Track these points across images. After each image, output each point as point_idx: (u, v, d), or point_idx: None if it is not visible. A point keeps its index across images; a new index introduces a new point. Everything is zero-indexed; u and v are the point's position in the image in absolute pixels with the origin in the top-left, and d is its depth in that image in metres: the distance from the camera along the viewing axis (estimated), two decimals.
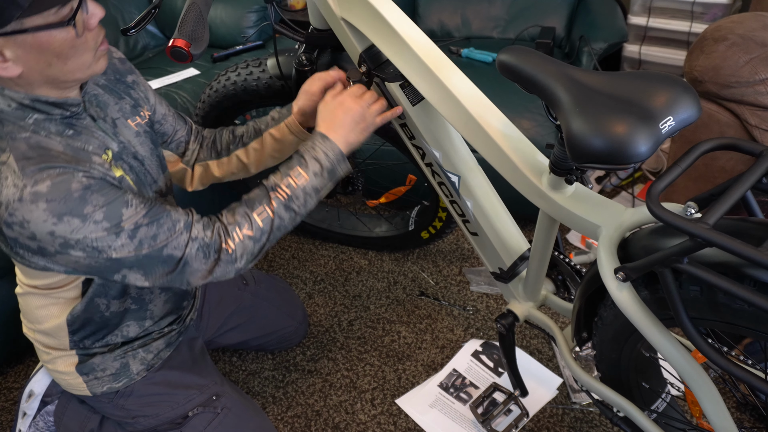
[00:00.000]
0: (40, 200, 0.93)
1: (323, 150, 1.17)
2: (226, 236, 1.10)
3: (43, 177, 0.93)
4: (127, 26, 1.08)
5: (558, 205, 1.04)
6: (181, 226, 1.06)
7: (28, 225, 0.94)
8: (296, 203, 1.15)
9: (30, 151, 0.95)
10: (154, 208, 1.04)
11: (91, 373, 1.28)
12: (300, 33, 1.45)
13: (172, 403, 1.36)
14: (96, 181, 0.98)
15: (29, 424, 1.41)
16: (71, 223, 0.95)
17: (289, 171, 1.15)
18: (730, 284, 0.75)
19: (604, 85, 0.87)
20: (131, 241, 1.01)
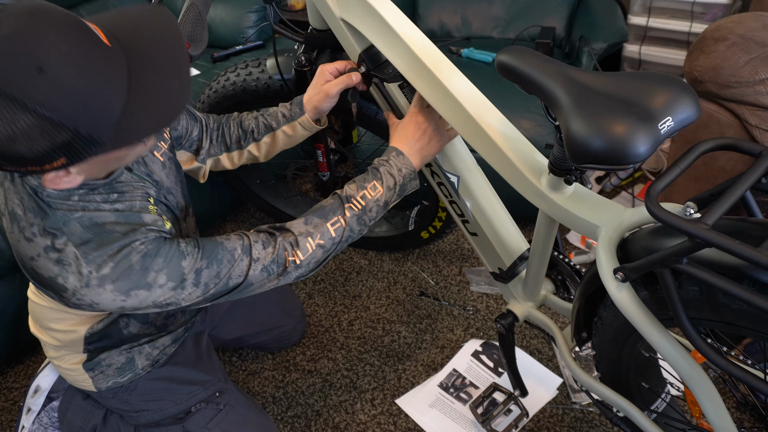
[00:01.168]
0: (107, 283, 0.95)
1: (398, 166, 1.18)
2: (294, 248, 1.10)
3: (105, 259, 0.95)
4: None
5: (557, 206, 1.04)
6: (240, 253, 1.06)
7: (97, 305, 0.98)
8: (367, 216, 1.17)
9: (86, 233, 0.96)
10: (207, 245, 1.05)
11: (97, 368, 1.28)
12: (299, 33, 1.45)
13: (176, 399, 1.36)
14: (152, 244, 0.99)
15: (33, 420, 1.41)
16: (138, 296, 0.98)
17: (365, 184, 1.17)
18: (730, 284, 0.75)
19: (603, 86, 0.87)
20: (197, 288, 1.03)
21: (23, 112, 0.76)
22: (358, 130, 2.01)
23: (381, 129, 1.57)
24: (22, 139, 0.77)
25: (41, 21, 0.77)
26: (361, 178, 1.18)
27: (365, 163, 1.96)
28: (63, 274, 0.95)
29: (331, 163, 1.74)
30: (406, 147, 1.21)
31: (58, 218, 0.96)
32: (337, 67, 1.30)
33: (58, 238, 0.95)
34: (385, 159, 1.19)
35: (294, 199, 2.19)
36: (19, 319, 1.77)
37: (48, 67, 0.76)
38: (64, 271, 0.95)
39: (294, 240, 1.10)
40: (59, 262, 0.95)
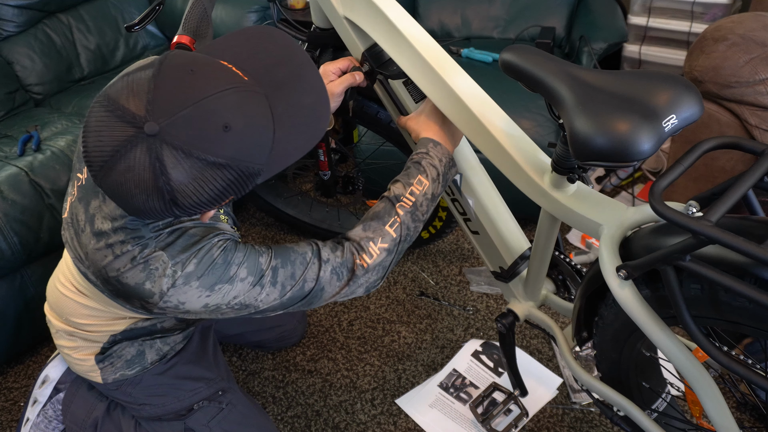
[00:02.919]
0: (192, 280, 0.99)
1: (437, 156, 1.17)
2: (360, 252, 1.10)
3: (190, 257, 0.99)
4: (131, 23, 1.08)
5: (560, 204, 1.04)
6: (311, 256, 1.07)
7: (183, 305, 1.01)
8: (420, 210, 1.15)
9: (170, 238, 1.00)
10: (278, 248, 1.07)
11: (107, 360, 1.28)
12: (302, 32, 1.45)
13: (179, 395, 1.36)
14: (230, 241, 1.03)
15: (38, 412, 1.41)
16: (222, 290, 1.01)
17: (410, 180, 1.15)
18: (733, 281, 0.75)
19: (607, 84, 0.88)
20: (275, 288, 1.04)
21: (211, 168, 0.82)
22: (359, 130, 2.01)
23: (381, 128, 1.57)
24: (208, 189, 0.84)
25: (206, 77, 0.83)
26: (405, 175, 1.17)
27: (365, 163, 1.97)
28: (150, 279, 0.98)
29: (332, 163, 1.74)
30: (439, 135, 1.20)
31: (149, 233, 0.99)
32: (340, 66, 1.29)
33: (145, 248, 0.99)
34: (424, 152, 1.17)
35: (294, 199, 2.19)
36: (19, 319, 1.76)
37: (229, 123, 0.82)
38: (152, 275, 0.98)
39: (358, 245, 1.11)
40: (146, 267, 0.98)
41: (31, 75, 2.28)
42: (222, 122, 0.81)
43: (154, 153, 0.79)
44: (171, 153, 0.80)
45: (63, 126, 2.04)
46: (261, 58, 0.92)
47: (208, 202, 0.85)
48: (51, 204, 1.77)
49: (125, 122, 0.80)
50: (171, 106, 0.80)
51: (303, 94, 0.93)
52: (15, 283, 1.75)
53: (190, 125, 0.80)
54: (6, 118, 2.17)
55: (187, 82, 0.82)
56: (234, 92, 0.84)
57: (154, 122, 0.79)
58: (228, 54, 0.91)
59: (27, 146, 1.89)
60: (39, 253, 1.77)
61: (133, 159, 0.80)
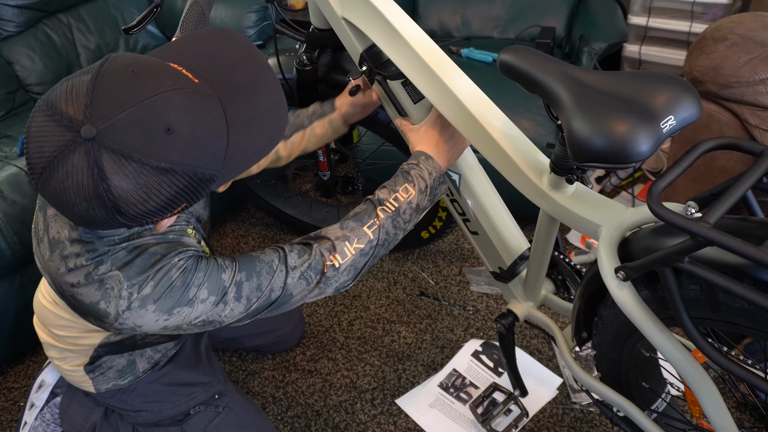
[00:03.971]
0: (148, 303, 0.94)
1: (428, 169, 1.17)
2: (332, 252, 1.08)
3: (147, 279, 0.94)
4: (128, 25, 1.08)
5: (558, 205, 1.04)
6: (277, 263, 1.04)
7: (140, 328, 0.97)
8: (402, 218, 1.14)
9: (128, 256, 0.96)
10: (243, 260, 1.03)
11: (98, 371, 1.27)
12: (301, 32, 1.45)
13: (175, 401, 1.36)
14: (191, 260, 0.98)
15: (36, 416, 1.41)
16: (181, 313, 0.97)
17: (396, 187, 1.15)
18: (731, 283, 0.75)
19: (605, 85, 0.87)
20: (239, 303, 1.01)
21: (155, 173, 0.78)
22: (359, 130, 2.01)
23: (381, 128, 1.57)
24: (154, 197, 0.79)
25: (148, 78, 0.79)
26: (392, 182, 1.16)
27: (365, 163, 1.97)
28: (105, 299, 0.94)
29: (331, 163, 1.74)
30: (433, 150, 1.20)
31: (104, 247, 0.95)
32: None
33: (101, 265, 0.95)
34: (415, 162, 1.18)
35: (294, 199, 2.19)
36: (19, 319, 1.77)
37: (175, 126, 0.78)
38: (107, 295, 0.94)
39: (331, 245, 1.08)
40: (101, 287, 0.94)
41: (31, 75, 2.28)
42: (164, 124, 0.77)
43: (92, 158, 0.76)
44: (111, 158, 0.76)
45: None
46: (216, 60, 0.89)
47: (156, 211, 0.81)
48: None
49: (63, 127, 0.76)
50: (109, 108, 0.76)
51: (261, 96, 0.89)
52: (15, 283, 1.75)
53: (130, 128, 0.76)
54: (6, 118, 2.17)
55: (127, 84, 0.78)
56: (178, 93, 0.80)
57: (92, 125, 0.75)
58: (181, 57, 0.87)
59: None
60: None
61: (72, 165, 0.76)
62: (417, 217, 1.18)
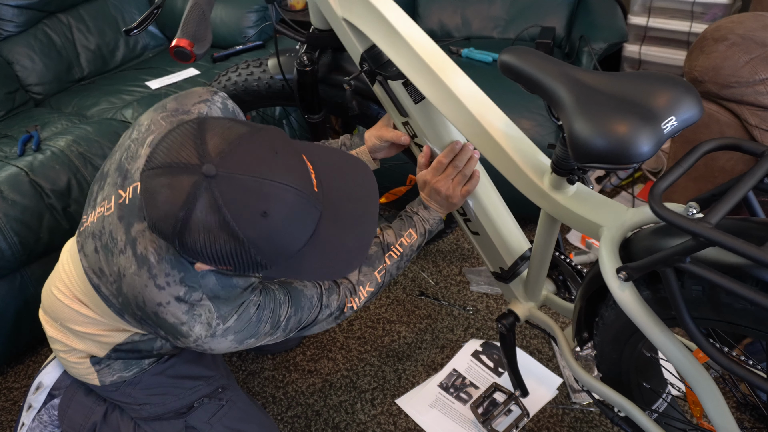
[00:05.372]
0: (229, 334, 1.05)
1: (429, 218, 1.31)
2: (352, 294, 1.22)
3: (232, 312, 1.04)
4: (129, 27, 1.08)
5: (560, 205, 1.04)
6: (316, 300, 1.16)
7: (212, 351, 1.07)
8: (403, 261, 1.29)
9: (217, 288, 1.03)
10: (294, 293, 1.13)
11: (104, 362, 1.28)
12: (301, 33, 1.45)
13: (179, 393, 1.36)
14: (261, 295, 1.08)
15: (33, 418, 1.41)
16: (248, 342, 1.09)
17: (401, 232, 1.29)
18: (733, 283, 0.75)
19: (606, 85, 0.87)
20: (283, 333, 1.13)
21: (233, 242, 0.85)
22: (359, 130, 2.00)
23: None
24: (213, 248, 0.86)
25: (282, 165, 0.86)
26: (398, 226, 1.30)
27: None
28: (190, 323, 1.01)
29: None
30: (435, 203, 1.30)
31: (195, 274, 1.01)
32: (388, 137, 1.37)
33: (194, 291, 1.01)
34: (415, 211, 1.31)
35: None
36: (19, 319, 1.76)
37: (271, 213, 0.84)
38: (193, 320, 1.01)
39: (352, 287, 1.22)
40: (191, 312, 1.01)
41: (31, 75, 2.29)
42: (265, 208, 0.84)
43: (196, 189, 0.82)
44: (207, 199, 0.82)
45: (63, 126, 2.04)
46: (343, 185, 0.97)
47: (207, 257, 0.87)
48: (51, 204, 1.77)
49: (197, 152, 0.83)
50: (238, 166, 0.83)
51: (353, 237, 0.96)
52: (15, 283, 1.75)
53: (239, 191, 0.83)
54: (6, 118, 2.17)
55: (265, 158, 0.85)
56: (294, 193, 0.86)
57: (216, 167, 0.82)
58: (318, 161, 0.95)
59: (27, 146, 1.89)
60: (39, 253, 1.77)
61: (179, 181, 0.83)
62: (414, 255, 1.32)
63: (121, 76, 2.42)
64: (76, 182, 1.82)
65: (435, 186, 1.27)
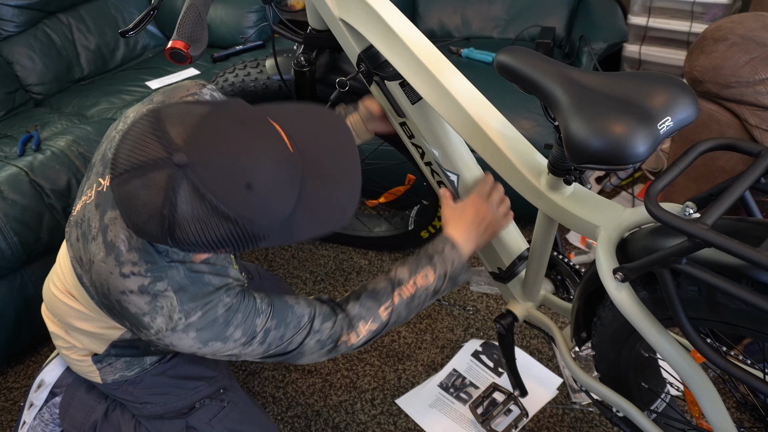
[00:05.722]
0: (191, 330, 1.00)
1: (451, 258, 1.20)
2: (349, 329, 1.14)
3: (196, 308, 1.00)
4: (125, 28, 1.08)
5: (556, 206, 1.04)
6: (305, 321, 1.10)
7: (173, 347, 1.02)
8: (415, 302, 1.18)
9: (185, 281, 1.00)
10: (278, 306, 1.09)
11: (105, 360, 1.28)
12: (298, 34, 1.45)
13: (180, 393, 1.36)
14: (236, 298, 1.04)
15: (35, 416, 1.41)
16: (214, 346, 1.03)
17: (417, 270, 1.18)
18: (729, 284, 0.75)
19: (602, 86, 0.87)
20: (261, 346, 1.07)
21: (226, 223, 0.82)
22: None
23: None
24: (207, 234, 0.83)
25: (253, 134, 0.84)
26: (414, 263, 1.20)
27: (365, 162, 1.96)
28: (152, 314, 0.98)
29: None
30: (461, 237, 1.22)
31: (164, 265, 0.99)
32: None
33: (159, 282, 0.98)
34: (440, 250, 1.20)
35: None
36: (19, 319, 1.77)
37: (255, 184, 0.82)
38: (155, 312, 0.98)
39: (349, 322, 1.15)
40: (153, 303, 0.98)
41: (31, 75, 2.29)
42: (247, 181, 0.82)
43: (172, 182, 0.80)
44: (188, 189, 0.80)
45: (63, 126, 2.04)
46: (317, 140, 0.94)
47: (204, 245, 0.85)
48: (51, 204, 1.78)
49: (161, 145, 0.80)
50: (208, 147, 0.81)
51: (340, 192, 0.94)
52: (15, 283, 1.75)
53: (217, 172, 0.81)
54: (6, 118, 2.18)
55: (233, 132, 0.83)
56: (271, 157, 0.84)
57: (186, 155, 0.80)
58: (287, 122, 0.93)
59: (27, 146, 1.89)
60: (39, 253, 1.77)
61: (152, 179, 0.80)
62: (431, 301, 1.21)
63: (121, 76, 2.43)
64: (76, 182, 1.83)
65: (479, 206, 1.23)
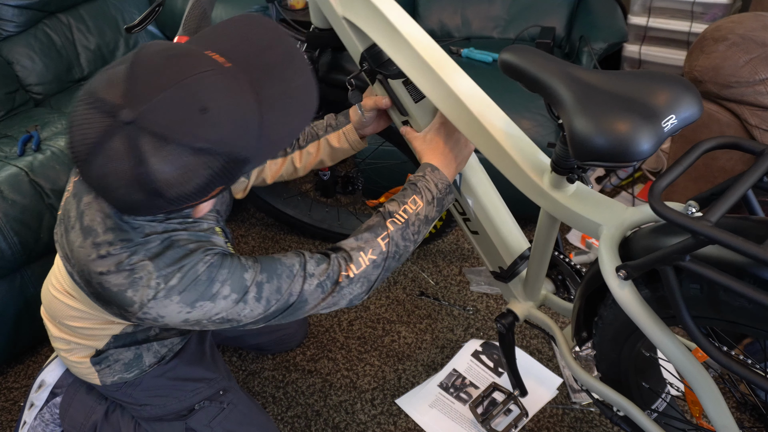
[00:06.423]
0: (173, 294, 0.96)
1: (434, 180, 1.18)
2: (348, 262, 1.10)
3: (174, 271, 0.96)
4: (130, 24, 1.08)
5: (559, 204, 1.04)
6: (297, 268, 1.07)
7: (162, 318, 0.99)
8: (411, 230, 1.16)
9: (160, 249, 0.98)
10: (265, 261, 1.06)
11: (104, 363, 1.28)
12: (301, 32, 1.45)
13: (180, 395, 1.36)
14: (217, 257, 1.00)
15: (35, 416, 1.41)
16: (203, 307, 0.99)
17: (404, 199, 1.17)
18: (732, 281, 0.75)
19: (606, 84, 0.87)
20: (259, 303, 1.03)
21: (191, 155, 0.79)
22: None
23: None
24: (193, 178, 0.80)
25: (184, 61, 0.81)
26: (401, 195, 1.18)
27: (365, 162, 1.97)
28: (133, 287, 0.96)
29: None
30: (440, 160, 1.21)
31: (138, 239, 0.97)
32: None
33: (134, 255, 0.96)
34: (421, 174, 1.19)
35: (294, 199, 2.19)
36: (19, 319, 1.76)
37: (209, 105, 0.79)
38: (135, 284, 0.96)
39: (347, 255, 1.11)
40: (131, 275, 0.96)
41: (31, 75, 2.28)
42: (199, 104, 0.79)
43: (131, 141, 0.77)
44: (149, 140, 0.77)
45: (63, 126, 2.04)
46: (248, 43, 0.91)
47: (195, 193, 0.82)
48: (51, 204, 1.77)
49: (103, 113, 0.78)
50: (147, 90, 0.78)
51: (294, 75, 0.90)
52: (15, 283, 1.75)
53: (167, 109, 0.78)
54: (6, 118, 2.17)
55: (163, 67, 0.80)
56: (212, 74, 0.81)
57: (130, 109, 0.77)
58: (212, 43, 0.89)
59: (27, 146, 1.89)
60: (39, 253, 1.77)
61: (111, 150, 0.77)
62: (426, 229, 1.19)
63: None
64: None
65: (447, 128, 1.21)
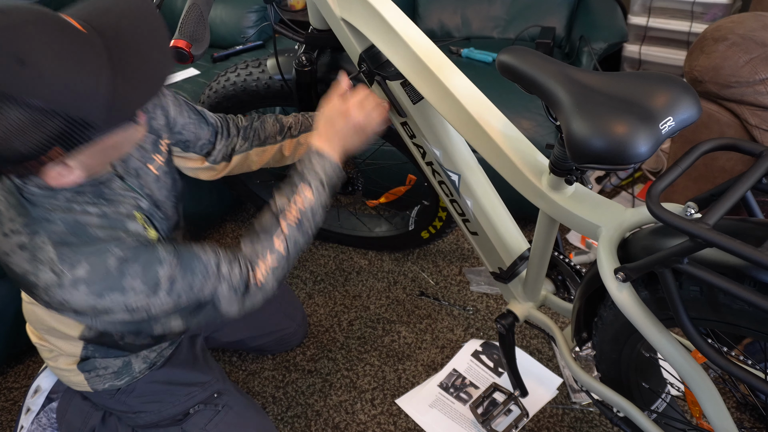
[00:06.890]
0: (80, 284, 0.93)
1: (321, 166, 1.19)
2: (253, 269, 1.12)
3: (80, 260, 0.93)
4: None
5: (558, 206, 1.04)
6: (213, 269, 1.06)
7: (68, 304, 0.95)
8: (306, 224, 1.17)
9: (66, 233, 0.94)
10: (185, 255, 1.04)
11: (93, 371, 1.28)
12: (300, 33, 1.45)
13: (174, 400, 1.36)
14: (131, 251, 0.98)
15: (32, 421, 1.41)
16: (112, 298, 0.96)
17: (293, 192, 1.17)
18: (730, 284, 0.75)
19: (604, 86, 0.87)
20: (169, 297, 1.02)
21: (12, 107, 0.76)
22: None
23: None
24: (16, 133, 0.78)
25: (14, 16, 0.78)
26: (288, 187, 1.18)
27: (365, 162, 1.96)
28: (35, 272, 0.92)
29: None
30: (327, 144, 1.21)
31: (39, 216, 0.94)
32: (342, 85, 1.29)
33: (36, 236, 0.93)
34: (307, 163, 1.20)
35: None
36: (19, 319, 1.76)
37: (28, 58, 0.76)
38: (36, 269, 0.92)
39: (249, 262, 1.12)
40: (33, 259, 0.92)
41: None
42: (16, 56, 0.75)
43: None
44: None
45: None
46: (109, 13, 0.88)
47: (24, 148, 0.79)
48: None
49: None
50: None
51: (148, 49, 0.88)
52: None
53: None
54: None
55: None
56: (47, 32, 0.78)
57: None
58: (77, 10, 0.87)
59: None
60: None
61: None
62: (323, 212, 1.20)
63: None
64: None
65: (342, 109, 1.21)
